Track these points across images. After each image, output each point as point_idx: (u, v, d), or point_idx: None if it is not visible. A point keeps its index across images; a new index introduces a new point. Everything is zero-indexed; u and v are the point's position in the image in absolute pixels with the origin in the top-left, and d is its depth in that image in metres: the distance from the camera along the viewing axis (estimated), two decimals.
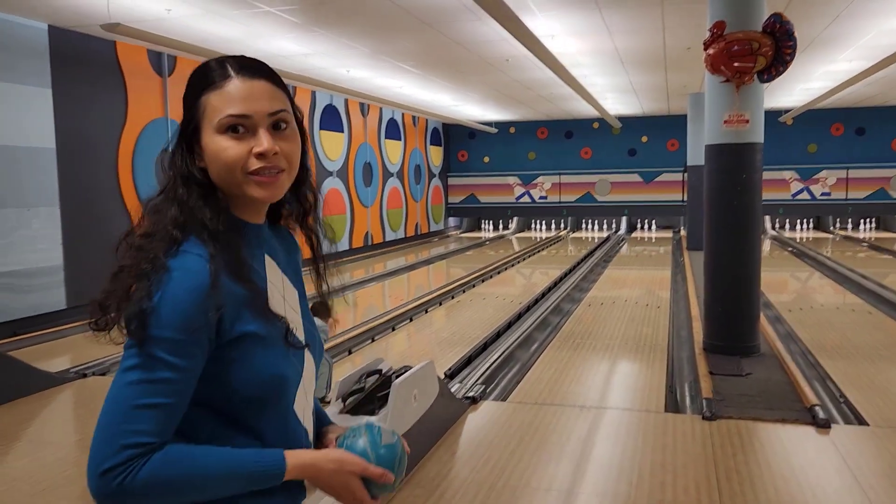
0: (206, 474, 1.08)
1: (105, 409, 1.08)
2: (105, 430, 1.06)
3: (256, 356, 1.15)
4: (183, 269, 1.11)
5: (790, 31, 5.76)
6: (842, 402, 4.98)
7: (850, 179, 19.21)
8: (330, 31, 8.88)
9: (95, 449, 1.06)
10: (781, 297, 9.34)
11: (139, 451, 1.05)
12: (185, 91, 1.24)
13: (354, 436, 1.25)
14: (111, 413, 1.07)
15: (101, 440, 1.06)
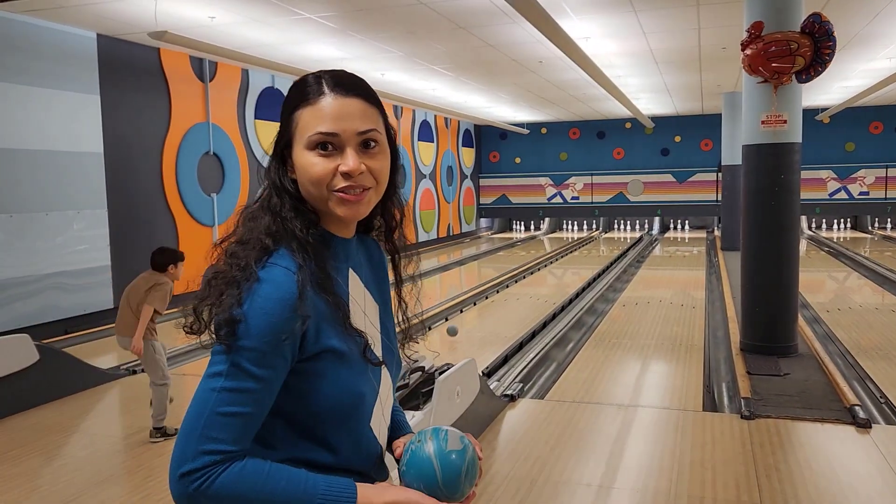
0: (276, 494, 1.10)
1: (189, 413, 1.11)
2: (187, 434, 1.09)
3: (336, 372, 1.17)
4: (272, 280, 1.13)
5: (829, 31, 5.75)
6: (882, 402, 4.98)
7: (890, 178, 18.87)
8: (366, 35, 9.03)
9: (177, 451, 1.09)
10: (819, 298, 9.27)
11: (217, 458, 1.08)
12: (283, 104, 1.27)
13: (420, 441, 1.21)
14: (194, 418, 1.10)
15: (183, 443, 1.09)
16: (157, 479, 3.88)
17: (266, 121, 11.69)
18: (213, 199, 10.49)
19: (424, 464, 1.17)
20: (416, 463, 1.17)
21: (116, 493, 3.80)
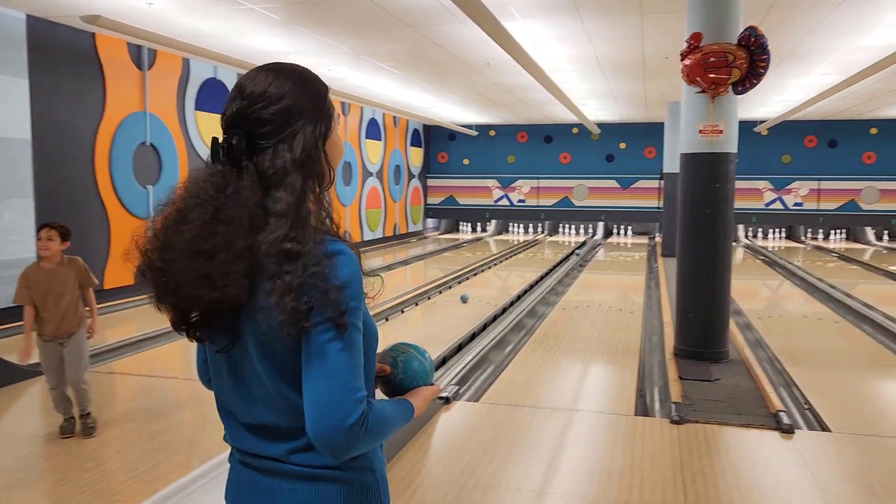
0: (395, 422, 1.35)
1: (327, 377, 1.23)
2: (336, 392, 1.22)
3: (368, 317, 1.36)
4: (344, 252, 1.31)
5: (764, 45, 5.88)
6: (806, 408, 5.11)
7: (822, 191, 19.57)
8: (312, 29, 8.89)
9: (335, 409, 1.22)
10: (752, 305, 9.51)
11: (364, 404, 1.25)
12: (314, 95, 1.39)
13: (408, 360, 1.54)
14: (335, 378, 1.23)
15: (338, 401, 1.22)
16: (71, 484, 3.71)
17: (207, 112, 11.40)
18: (149, 190, 10.18)
19: (420, 369, 1.55)
20: (413, 370, 1.53)
21: (26, 498, 3.61)
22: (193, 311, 1.32)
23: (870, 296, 10.23)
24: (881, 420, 4.82)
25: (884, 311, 8.83)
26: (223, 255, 1.25)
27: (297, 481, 1.33)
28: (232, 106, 1.36)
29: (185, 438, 4.45)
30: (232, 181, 1.30)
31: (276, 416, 1.33)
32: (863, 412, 4.98)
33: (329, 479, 1.32)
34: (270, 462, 1.35)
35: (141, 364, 6.34)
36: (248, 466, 1.39)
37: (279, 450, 1.34)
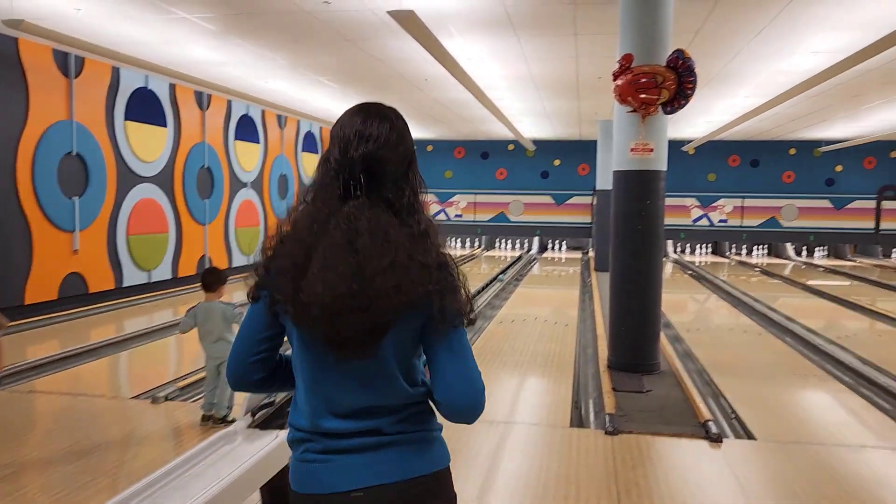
0: None
1: (464, 363, 1.59)
2: (474, 373, 1.60)
3: None
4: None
5: (691, 67, 6.12)
6: (732, 417, 5.29)
7: (746, 208, 20.41)
8: (248, 41, 8.78)
9: (478, 384, 1.59)
10: (681, 318, 9.81)
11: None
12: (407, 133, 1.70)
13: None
14: (469, 363, 1.60)
15: (476, 379, 1.59)
16: None
17: (138, 122, 11.10)
18: (75, 202, 9.81)
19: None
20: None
21: None
22: (371, 328, 1.52)
23: (790, 309, 10.71)
24: (802, 428, 5.04)
25: (803, 324, 9.25)
26: (415, 267, 1.54)
27: (404, 441, 1.60)
28: (360, 149, 1.58)
29: (112, 460, 4.29)
30: (364, 212, 1.54)
31: (383, 399, 1.59)
32: (785, 420, 5.20)
33: (430, 431, 1.65)
34: (365, 438, 1.58)
35: (64, 382, 6.08)
36: (340, 444, 1.59)
37: (382, 422, 1.59)
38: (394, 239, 1.53)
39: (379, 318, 1.51)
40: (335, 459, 1.58)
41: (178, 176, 12.24)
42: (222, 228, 13.76)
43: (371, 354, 1.54)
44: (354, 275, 1.49)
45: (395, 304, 1.50)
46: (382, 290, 1.49)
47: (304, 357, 1.60)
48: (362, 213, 1.53)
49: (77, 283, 9.85)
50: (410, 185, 1.64)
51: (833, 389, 6.20)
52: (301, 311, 1.52)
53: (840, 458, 4.40)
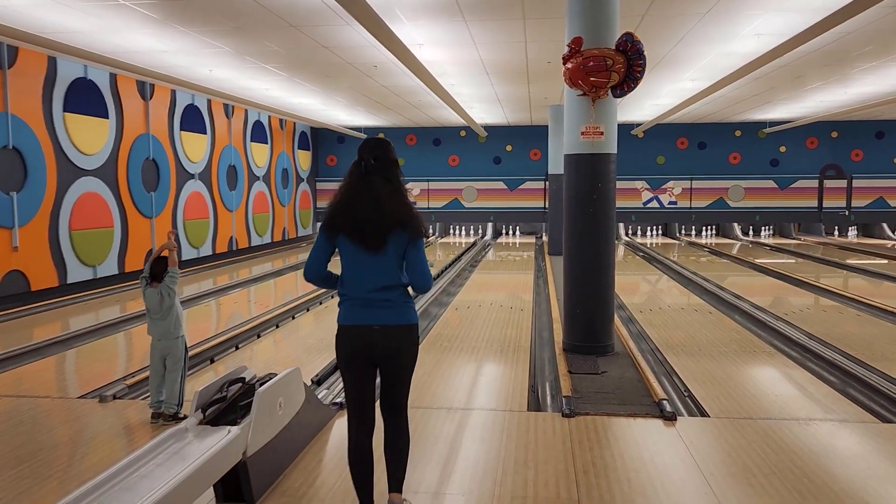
0: None
1: (423, 264, 3.13)
2: (426, 266, 3.14)
3: None
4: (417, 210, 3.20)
5: (640, 50, 6.16)
6: (686, 395, 5.38)
7: (694, 189, 20.81)
8: (190, 28, 8.54)
9: (428, 279, 3.16)
10: (634, 299, 9.95)
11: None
12: (392, 149, 3.22)
13: None
14: (425, 265, 3.14)
15: (427, 270, 3.14)
16: None
17: (78, 114, 10.72)
18: (13, 197, 9.44)
19: None
20: None
21: None
22: (375, 235, 3.05)
23: (739, 287, 10.96)
24: (753, 403, 5.14)
25: (751, 301, 9.48)
26: (401, 207, 3.11)
27: (398, 305, 3.11)
28: (373, 153, 3.14)
29: (59, 462, 4.14)
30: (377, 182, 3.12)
31: (390, 281, 3.08)
32: (736, 396, 5.30)
33: (409, 303, 3.17)
34: (385, 301, 3.09)
35: (5, 384, 5.85)
36: (369, 300, 3.09)
37: (391, 294, 3.10)
38: (391, 194, 3.13)
39: (385, 229, 3.06)
40: (367, 308, 3.10)
41: (121, 168, 11.88)
42: (170, 221, 13.43)
43: (382, 250, 3.07)
44: (374, 208, 3.07)
45: (393, 222, 3.07)
46: (387, 215, 3.07)
47: (350, 258, 3.11)
48: (375, 183, 3.12)
49: (18, 281, 9.50)
50: (394, 173, 3.16)
51: (781, 364, 6.36)
52: (350, 227, 3.08)
53: (789, 432, 4.51)
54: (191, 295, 10.45)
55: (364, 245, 3.04)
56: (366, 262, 3.06)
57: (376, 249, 3.04)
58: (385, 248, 3.04)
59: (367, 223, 3.04)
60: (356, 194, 3.08)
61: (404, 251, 3.09)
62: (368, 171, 3.10)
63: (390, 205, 3.06)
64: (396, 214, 3.06)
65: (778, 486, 3.69)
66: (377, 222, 3.03)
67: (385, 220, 3.04)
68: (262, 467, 3.52)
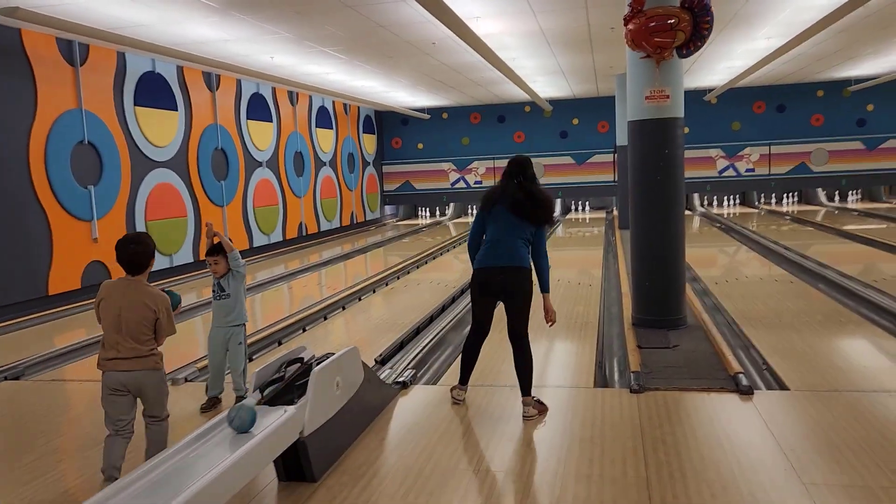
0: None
1: (545, 242, 4.43)
2: (545, 247, 4.45)
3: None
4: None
5: (707, 6, 5.82)
6: (764, 368, 5.10)
7: (773, 155, 19.85)
8: (250, 15, 8.60)
9: (545, 252, 4.43)
10: (710, 272, 9.55)
11: None
12: (530, 165, 4.47)
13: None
14: (545, 242, 4.47)
15: (545, 250, 4.43)
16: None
17: (148, 107, 11.02)
18: (91, 191, 9.80)
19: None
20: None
21: None
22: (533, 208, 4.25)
23: (823, 255, 10.38)
24: (838, 375, 4.82)
25: (837, 269, 8.95)
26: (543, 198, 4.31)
27: (522, 250, 4.26)
28: (519, 169, 4.35)
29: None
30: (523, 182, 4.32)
31: (519, 239, 4.25)
32: (820, 369, 4.99)
33: (528, 255, 4.30)
34: (513, 247, 4.24)
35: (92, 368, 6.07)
36: (499, 247, 4.26)
37: (519, 246, 4.26)
38: (537, 189, 4.30)
39: (532, 203, 4.22)
40: (496, 253, 4.23)
41: (192, 159, 12.18)
42: (240, 209, 13.73)
43: (526, 219, 4.22)
44: (527, 191, 4.26)
45: (537, 201, 4.25)
46: (535, 196, 4.25)
47: (497, 221, 4.28)
48: (522, 184, 4.28)
49: (100, 272, 9.88)
50: (536, 180, 4.36)
51: (870, 334, 5.96)
52: (509, 200, 4.24)
53: (880, 405, 4.20)
54: (262, 280, 10.65)
55: (518, 215, 4.23)
56: (508, 228, 4.27)
57: (523, 217, 4.25)
58: (528, 218, 4.25)
59: (523, 201, 4.23)
60: (503, 190, 4.33)
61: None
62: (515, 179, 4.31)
63: (538, 196, 4.25)
64: (540, 203, 4.25)
65: (867, 461, 3.43)
66: (529, 203, 4.23)
67: (534, 203, 4.25)
68: (323, 446, 3.50)
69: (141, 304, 3.49)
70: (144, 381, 3.53)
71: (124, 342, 3.48)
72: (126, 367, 3.48)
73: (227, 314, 4.73)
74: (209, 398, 4.75)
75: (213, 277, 4.79)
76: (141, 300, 3.49)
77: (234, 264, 4.73)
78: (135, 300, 3.49)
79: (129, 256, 3.52)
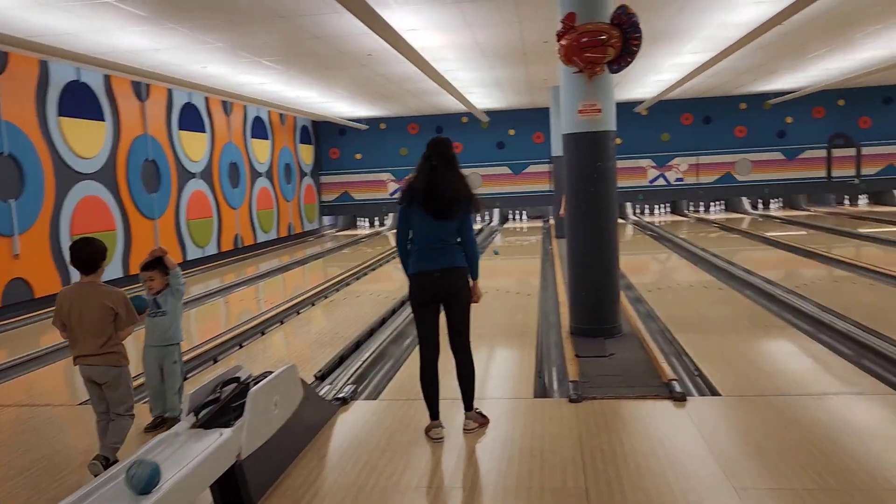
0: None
1: (472, 228, 4.26)
2: (473, 233, 4.28)
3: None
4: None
5: (636, 23, 5.99)
6: (696, 374, 5.25)
7: (701, 165, 20.55)
8: (181, 24, 8.42)
9: (473, 238, 4.29)
10: (642, 279, 9.80)
11: None
12: (451, 147, 4.32)
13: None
14: (472, 228, 4.27)
15: (473, 236, 4.27)
16: None
17: (73, 118, 10.64)
18: (12, 205, 9.39)
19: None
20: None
21: None
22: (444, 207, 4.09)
23: (749, 261, 10.79)
24: (765, 380, 5.01)
25: (762, 275, 9.32)
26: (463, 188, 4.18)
27: (455, 249, 4.17)
28: (436, 150, 4.18)
29: (58, 471, 4.06)
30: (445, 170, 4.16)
31: (449, 238, 4.14)
32: (748, 374, 5.17)
33: (459, 252, 4.20)
34: (445, 247, 4.14)
35: (14, 392, 5.80)
36: (431, 250, 4.12)
37: (450, 244, 4.15)
38: (455, 179, 4.14)
39: (453, 203, 4.07)
40: (430, 256, 4.12)
41: (121, 171, 11.82)
42: (173, 222, 13.38)
43: (450, 218, 4.09)
44: (446, 188, 4.08)
45: (458, 199, 4.10)
46: (455, 193, 4.10)
47: (421, 224, 4.13)
48: (443, 169, 4.13)
49: (21, 289, 9.46)
50: (455, 162, 4.20)
51: (794, 338, 6.22)
52: (428, 202, 4.06)
53: (804, 408, 4.38)
54: (197, 294, 10.39)
55: (436, 215, 4.08)
56: (434, 225, 4.11)
57: (445, 218, 4.09)
58: (451, 217, 4.10)
59: (441, 200, 4.07)
60: (426, 179, 4.13)
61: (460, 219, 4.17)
62: (434, 163, 4.14)
63: (458, 188, 4.13)
64: (459, 194, 4.11)
65: (793, 464, 3.57)
66: (447, 199, 4.07)
67: (452, 198, 4.09)
68: (260, 469, 3.43)
69: (99, 303, 3.86)
70: (107, 377, 3.90)
71: (86, 341, 3.86)
72: (90, 363, 3.89)
73: (163, 332, 4.60)
74: (154, 417, 4.61)
75: (147, 293, 4.65)
76: (99, 300, 3.86)
77: (175, 281, 4.61)
78: (93, 300, 3.86)
79: (86, 257, 3.92)
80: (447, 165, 4.12)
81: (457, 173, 4.14)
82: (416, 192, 4.10)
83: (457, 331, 4.26)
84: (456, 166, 4.16)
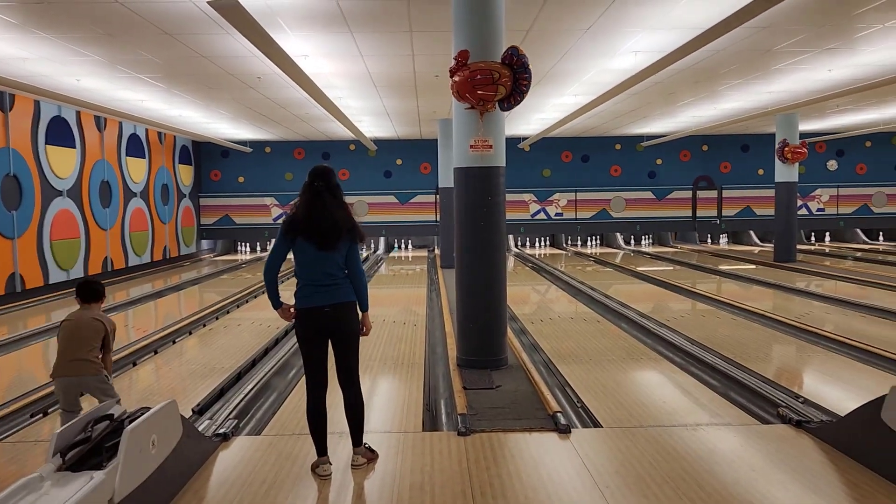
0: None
1: (360, 260, 4.23)
2: (361, 265, 4.27)
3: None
4: None
5: (525, 64, 6.21)
6: (579, 406, 5.42)
7: (579, 201, 21.48)
8: (54, 34, 7.92)
9: (362, 271, 4.25)
10: (525, 310, 10.05)
11: None
12: (334, 174, 4.23)
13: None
14: (360, 261, 4.24)
15: (361, 269, 4.24)
16: None
17: None
18: (13, 214, 8.63)
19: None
20: None
21: None
22: (327, 238, 3.99)
23: (623, 295, 11.32)
24: (643, 411, 5.24)
25: (636, 308, 9.79)
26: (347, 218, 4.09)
27: (344, 283, 4.09)
28: (319, 179, 4.09)
29: None
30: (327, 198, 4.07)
31: (337, 272, 4.06)
32: (626, 405, 5.39)
33: (348, 286, 4.12)
34: (334, 282, 4.05)
35: None
36: (320, 286, 4.03)
37: (339, 278, 4.07)
38: (338, 209, 4.06)
39: (336, 234, 3.99)
40: (319, 291, 4.03)
41: None
42: (35, 242, 12.43)
43: (333, 249, 4.00)
44: (329, 218, 3.99)
45: (341, 229, 4.01)
46: (338, 224, 4.00)
47: (305, 255, 4.04)
48: (326, 198, 4.03)
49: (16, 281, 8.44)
50: (339, 191, 4.13)
51: (666, 370, 6.55)
52: (311, 232, 3.98)
53: (678, 438, 4.60)
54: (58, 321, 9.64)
55: (319, 247, 3.99)
56: (318, 258, 4.01)
57: (328, 249, 4.00)
58: (335, 248, 4.02)
59: (323, 231, 3.98)
60: (308, 208, 4.03)
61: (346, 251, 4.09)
62: (317, 188, 4.04)
63: (340, 218, 4.02)
64: (343, 225, 4.01)
65: (670, 494, 3.73)
66: (329, 230, 3.99)
67: (335, 229, 4.00)
68: None
69: (95, 321, 4.30)
70: (87, 384, 4.26)
71: (72, 352, 4.22)
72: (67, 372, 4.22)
73: None
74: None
75: None
76: (97, 318, 4.33)
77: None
78: (90, 319, 4.31)
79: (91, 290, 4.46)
80: (330, 194, 4.02)
81: (340, 202, 4.05)
82: (297, 222, 3.99)
83: (346, 366, 4.15)
84: (339, 195, 4.07)
